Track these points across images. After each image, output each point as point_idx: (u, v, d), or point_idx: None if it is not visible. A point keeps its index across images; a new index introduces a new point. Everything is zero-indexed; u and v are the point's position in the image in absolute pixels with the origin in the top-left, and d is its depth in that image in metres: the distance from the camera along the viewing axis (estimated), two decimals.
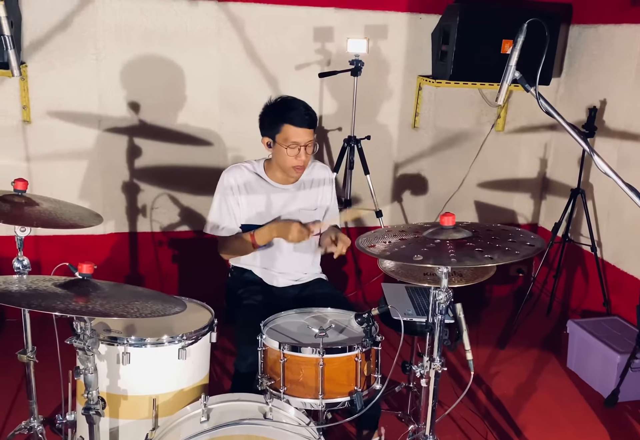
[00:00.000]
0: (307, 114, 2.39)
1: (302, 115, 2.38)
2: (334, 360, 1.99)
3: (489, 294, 4.21)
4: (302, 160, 2.42)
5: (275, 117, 2.42)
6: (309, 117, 2.39)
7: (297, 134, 2.38)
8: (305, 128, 2.38)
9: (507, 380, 3.21)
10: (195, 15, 3.40)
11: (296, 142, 2.39)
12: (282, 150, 2.41)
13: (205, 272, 3.69)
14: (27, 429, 2.10)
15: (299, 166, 2.45)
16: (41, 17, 3.21)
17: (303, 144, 2.40)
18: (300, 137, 2.38)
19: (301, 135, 2.38)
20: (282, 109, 2.41)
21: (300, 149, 2.40)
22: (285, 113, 2.39)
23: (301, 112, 2.39)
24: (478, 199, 4.11)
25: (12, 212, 1.88)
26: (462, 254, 1.59)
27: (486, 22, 3.50)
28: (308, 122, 2.39)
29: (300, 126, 2.37)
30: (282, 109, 2.41)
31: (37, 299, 1.54)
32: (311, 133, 2.41)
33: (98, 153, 3.45)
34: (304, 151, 2.41)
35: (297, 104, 2.42)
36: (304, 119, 2.38)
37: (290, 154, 2.41)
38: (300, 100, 2.46)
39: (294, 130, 2.38)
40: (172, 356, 1.98)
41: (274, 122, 2.42)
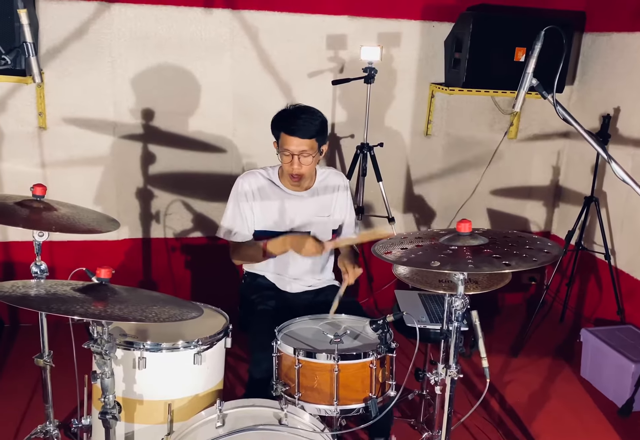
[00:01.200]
0: (304, 124, 2.37)
1: (297, 124, 2.37)
2: (349, 367, 1.99)
3: (501, 302, 4.19)
4: (294, 169, 2.42)
5: (275, 123, 2.47)
6: (304, 127, 2.36)
7: (289, 142, 2.39)
8: (297, 137, 2.37)
9: (520, 388, 3.19)
10: (210, 23, 3.43)
11: (288, 150, 2.40)
12: (281, 157, 2.45)
13: (217, 278, 3.71)
14: (43, 433, 2.11)
15: (293, 175, 2.45)
16: (58, 24, 3.24)
17: (296, 152, 2.39)
18: (292, 146, 2.38)
19: (293, 143, 2.38)
20: (282, 117, 2.45)
21: (293, 157, 2.40)
22: (282, 120, 2.43)
23: (297, 121, 2.37)
24: (490, 207, 4.10)
25: (30, 217, 1.90)
26: (480, 260, 1.59)
27: (499, 30, 3.51)
28: (301, 132, 2.36)
29: (292, 135, 2.38)
30: (282, 117, 2.45)
31: (57, 303, 1.56)
32: (306, 143, 2.38)
33: (112, 159, 3.47)
34: (297, 160, 2.41)
35: (297, 113, 2.41)
36: (298, 128, 2.36)
37: (285, 161, 2.43)
38: (307, 110, 2.44)
39: (286, 138, 2.39)
40: (187, 361, 1.99)
41: (275, 128, 2.47)
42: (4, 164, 3.34)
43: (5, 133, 3.32)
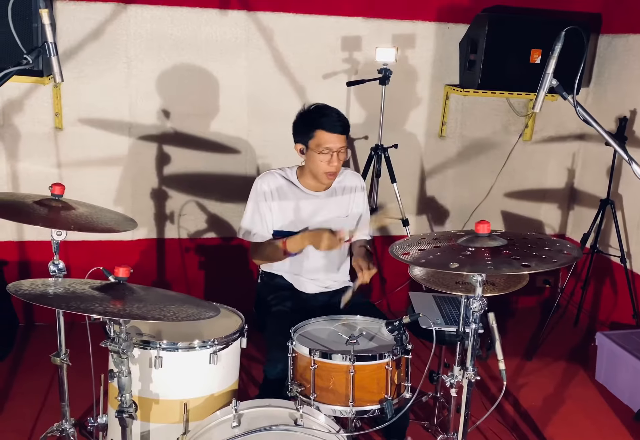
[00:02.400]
0: (339, 120, 2.42)
1: (334, 121, 2.41)
2: (365, 368, 1.98)
3: (515, 305, 4.17)
4: (335, 166, 2.44)
5: (308, 123, 2.45)
6: (341, 123, 2.42)
7: (329, 140, 2.40)
8: (337, 134, 2.41)
9: (534, 392, 3.17)
10: (225, 24, 3.44)
11: (328, 147, 2.41)
12: (315, 156, 2.43)
13: (231, 278, 3.72)
14: (59, 431, 2.12)
15: (331, 172, 2.47)
16: (74, 26, 3.27)
17: (335, 149, 2.42)
18: (332, 143, 2.41)
19: (333, 141, 2.40)
20: (315, 115, 2.45)
21: (332, 154, 2.42)
22: (317, 119, 2.43)
23: (333, 118, 2.42)
24: (505, 209, 4.08)
25: (49, 216, 1.91)
26: (499, 261, 1.58)
27: (515, 32, 3.50)
28: (340, 128, 2.41)
29: (332, 132, 2.40)
30: (315, 115, 2.45)
31: (76, 302, 1.56)
32: (343, 139, 2.44)
33: (128, 160, 3.49)
34: (336, 157, 2.43)
35: (329, 111, 2.46)
36: (336, 124, 2.41)
37: (323, 160, 2.43)
38: (332, 107, 2.50)
39: (327, 135, 2.40)
40: (203, 361, 1.99)
41: (307, 128, 2.45)
42: (21, 164, 3.36)
43: (22, 133, 3.34)
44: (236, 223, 3.71)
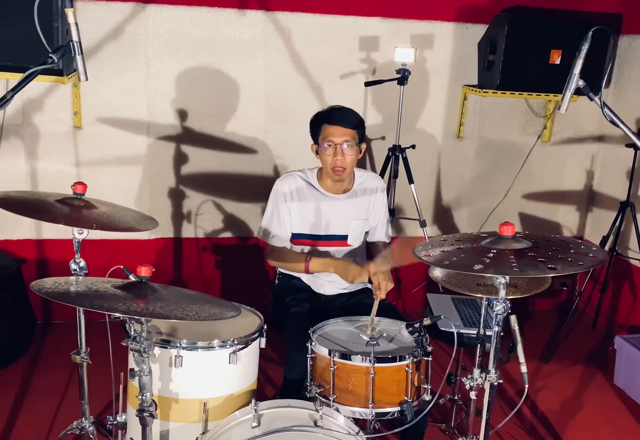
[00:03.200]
0: (345, 114, 2.44)
1: (338, 114, 2.43)
2: (385, 370, 1.97)
3: (532, 308, 4.13)
4: (339, 160, 2.42)
5: (317, 119, 2.49)
6: (346, 116, 2.43)
7: (332, 132, 2.41)
8: (340, 126, 2.40)
9: (552, 395, 3.14)
10: (243, 24, 3.44)
11: (331, 140, 2.41)
12: (321, 152, 2.45)
13: (247, 278, 3.73)
14: (79, 428, 2.12)
15: (337, 167, 2.44)
16: (94, 25, 3.28)
17: (338, 142, 2.41)
18: (335, 136, 2.40)
19: (336, 133, 2.41)
20: (323, 112, 2.49)
21: (335, 147, 2.41)
22: (324, 114, 2.47)
23: (339, 111, 2.45)
24: (522, 211, 4.05)
25: (71, 215, 1.91)
26: (524, 264, 1.56)
27: (534, 32, 3.47)
28: (345, 121, 2.41)
29: (335, 124, 2.41)
30: (323, 112, 2.49)
31: (99, 300, 1.56)
32: (348, 133, 2.42)
33: (146, 159, 3.50)
34: (340, 150, 2.42)
35: (339, 107, 2.49)
36: (340, 117, 2.42)
37: (328, 153, 2.43)
38: (345, 106, 2.52)
39: (330, 128, 2.42)
40: (223, 360, 1.98)
41: (316, 124, 2.48)
42: (40, 163, 3.38)
43: (41, 132, 3.37)
44: (252, 223, 3.71)
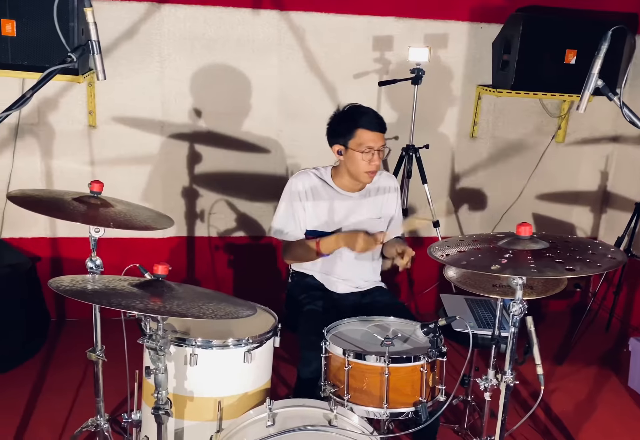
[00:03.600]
0: (378, 118, 2.44)
1: (373, 119, 2.42)
2: (400, 370, 1.97)
3: (545, 309, 4.11)
4: (376, 165, 2.44)
5: (348, 123, 2.44)
6: (380, 121, 2.44)
7: (370, 139, 2.41)
8: (377, 132, 2.41)
9: (566, 397, 3.12)
10: (258, 24, 3.45)
11: (370, 146, 2.40)
12: (356, 156, 2.42)
13: (259, 277, 3.73)
14: (94, 426, 2.13)
15: (372, 171, 2.46)
16: (109, 25, 3.29)
17: (377, 148, 2.41)
18: (373, 142, 2.41)
19: (375, 139, 2.41)
20: (354, 115, 2.44)
21: (373, 153, 2.42)
22: (357, 118, 2.42)
23: (373, 116, 2.43)
24: (536, 211, 4.03)
25: (88, 213, 1.92)
26: (542, 264, 1.55)
27: (549, 32, 3.45)
28: (381, 126, 2.42)
29: (374, 130, 2.40)
30: (354, 115, 2.44)
31: (117, 298, 1.57)
32: (383, 137, 2.44)
33: (160, 158, 3.52)
34: (377, 156, 2.43)
35: (367, 109, 2.48)
36: (376, 122, 2.42)
37: (365, 158, 2.42)
38: (367, 107, 2.51)
39: (368, 134, 2.40)
40: (237, 359, 1.99)
41: (347, 128, 2.43)
42: (55, 162, 3.41)
43: (56, 131, 3.39)
44: (265, 222, 3.72)
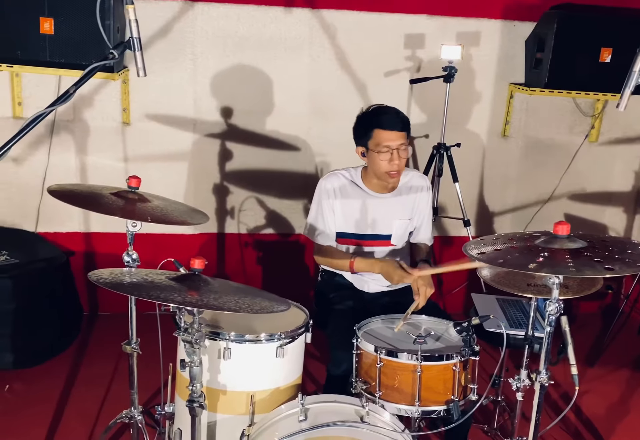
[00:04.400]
0: (397, 117, 2.40)
1: (391, 118, 2.40)
2: (432, 368, 1.96)
3: (576, 310, 4.06)
4: (396, 165, 2.41)
5: (366, 124, 2.44)
6: (399, 120, 2.40)
7: (387, 138, 2.38)
8: (395, 131, 2.38)
9: (597, 399, 3.08)
10: (289, 22, 3.46)
11: (387, 146, 2.38)
12: (375, 156, 2.41)
13: (288, 274, 3.75)
14: (128, 417, 2.16)
15: (393, 171, 2.43)
16: (144, 23, 3.26)
17: (394, 147, 2.39)
18: (391, 141, 2.38)
19: (392, 138, 2.38)
20: (372, 116, 2.44)
21: (392, 152, 2.39)
22: (374, 118, 2.42)
23: (391, 115, 2.41)
24: (568, 212, 3.98)
25: (126, 208, 1.95)
26: (581, 264, 1.54)
27: (584, 30, 3.41)
28: (399, 126, 2.39)
29: (390, 129, 2.38)
30: (372, 116, 2.44)
31: (156, 291, 1.60)
32: (403, 136, 2.40)
33: (191, 156, 3.55)
34: (397, 155, 2.40)
35: (386, 109, 2.45)
36: (394, 121, 2.39)
37: (383, 158, 2.40)
38: (390, 106, 2.49)
39: (384, 133, 2.38)
40: (270, 354, 2.00)
41: (365, 129, 2.43)
42: (89, 158, 3.46)
43: (91, 128, 3.44)
44: (294, 220, 3.74)
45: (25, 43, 2.90)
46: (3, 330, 3.01)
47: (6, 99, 3.33)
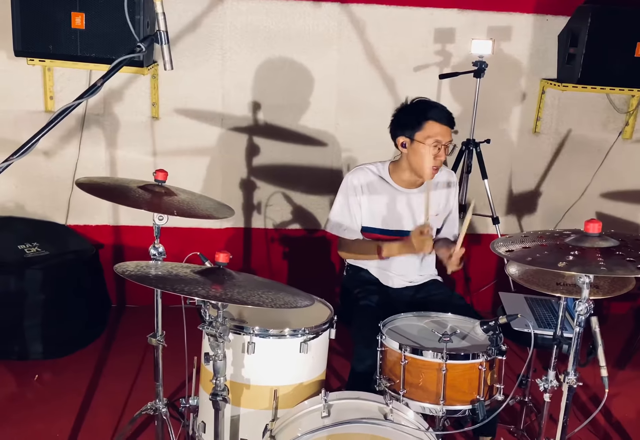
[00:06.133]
0: (448, 113, 2.40)
1: (444, 113, 2.38)
2: (457, 367, 1.94)
3: (607, 311, 3.98)
4: (440, 160, 2.39)
5: (417, 114, 2.39)
6: (450, 115, 2.40)
7: (440, 132, 2.36)
8: (447, 126, 2.37)
9: (628, 402, 3.01)
10: (318, 16, 3.45)
11: (438, 140, 2.36)
12: (422, 149, 2.37)
13: (313, 270, 3.75)
14: (153, 409, 2.18)
15: (436, 166, 2.40)
16: (173, 18, 3.35)
17: (444, 142, 2.37)
18: (442, 136, 2.36)
19: (444, 133, 2.37)
20: (424, 107, 2.41)
21: (440, 147, 2.37)
22: (428, 110, 2.38)
23: (443, 110, 2.40)
24: (600, 210, 3.90)
25: (153, 201, 1.97)
26: (612, 263, 1.50)
27: (619, 24, 3.34)
28: (450, 121, 2.39)
29: (444, 124, 2.36)
30: (424, 107, 2.41)
31: (180, 284, 1.60)
32: (450, 133, 2.40)
33: (219, 150, 3.57)
34: (444, 151, 2.38)
35: (437, 103, 2.44)
36: (446, 116, 2.38)
37: (431, 152, 2.36)
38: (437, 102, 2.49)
39: (438, 127, 2.36)
40: (294, 349, 2.00)
41: (416, 119, 2.38)
42: (119, 151, 3.50)
43: (121, 122, 3.48)
44: (320, 215, 3.73)
45: (57, 38, 2.94)
46: (33, 320, 3.06)
47: (38, 93, 3.38)
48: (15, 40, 2.94)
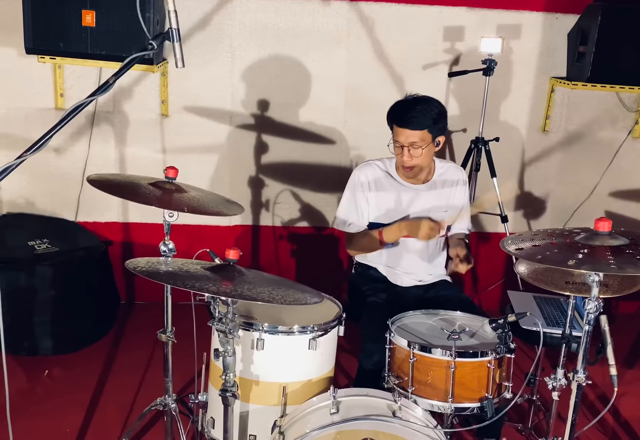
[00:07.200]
0: (416, 116, 2.36)
1: (408, 116, 2.37)
2: (466, 365, 1.95)
3: (615, 310, 3.96)
4: (403, 161, 2.42)
5: (388, 115, 2.48)
6: (415, 119, 2.36)
7: (399, 134, 2.40)
8: (406, 129, 2.37)
9: (636, 401, 3.00)
10: (327, 14, 3.45)
11: (398, 141, 2.40)
12: (393, 149, 2.46)
13: (321, 267, 3.75)
14: (162, 405, 2.19)
15: (405, 166, 2.45)
16: (183, 15, 3.29)
17: (405, 144, 2.39)
18: (402, 137, 2.39)
19: (403, 135, 2.39)
20: (395, 108, 2.46)
21: (402, 148, 2.40)
22: (394, 112, 2.45)
23: (409, 113, 2.37)
24: (609, 209, 3.88)
25: (163, 198, 1.98)
26: (622, 261, 1.50)
27: (629, 23, 3.32)
28: (412, 124, 2.36)
29: (402, 127, 2.39)
30: (395, 108, 2.46)
31: (191, 280, 1.61)
32: (416, 135, 2.37)
33: (228, 148, 3.58)
34: (407, 152, 2.40)
35: (412, 104, 2.41)
36: (408, 120, 2.37)
37: (396, 152, 2.45)
38: (423, 101, 2.43)
39: (397, 130, 2.41)
40: (303, 346, 2.01)
41: (388, 120, 2.48)
42: (128, 149, 3.52)
43: (130, 119, 3.49)
44: (329, 213, 3.73)
45: (67, 35, 2.95)
46: (43, 316, 3.09)
47: (49, 91, 3.40)
48: (26, 38, 2.96)
